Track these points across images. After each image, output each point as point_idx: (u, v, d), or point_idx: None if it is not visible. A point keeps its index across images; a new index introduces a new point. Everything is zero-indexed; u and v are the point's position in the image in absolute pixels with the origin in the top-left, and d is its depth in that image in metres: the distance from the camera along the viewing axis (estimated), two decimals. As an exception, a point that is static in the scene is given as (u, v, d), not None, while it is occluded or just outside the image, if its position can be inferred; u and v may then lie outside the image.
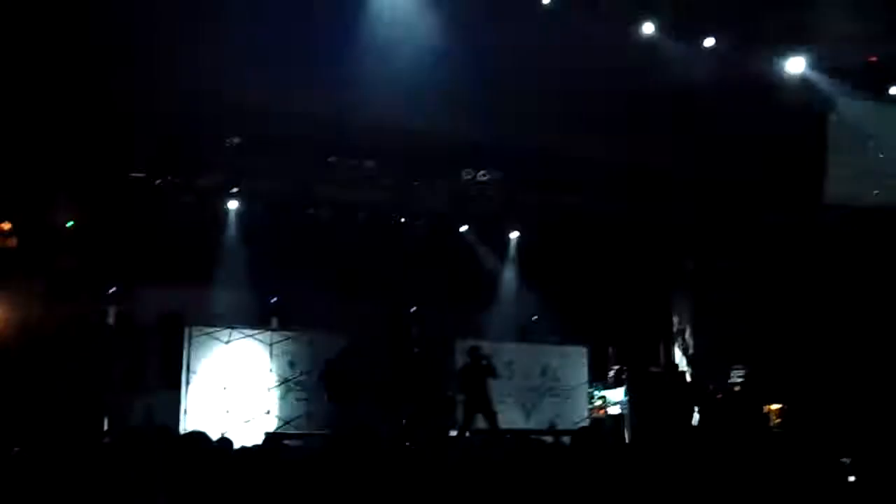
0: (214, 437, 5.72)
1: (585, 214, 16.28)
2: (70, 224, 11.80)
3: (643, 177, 15.31)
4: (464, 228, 16.65)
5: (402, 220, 15.89)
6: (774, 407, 14.40)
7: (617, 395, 15.61)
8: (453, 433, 13.14)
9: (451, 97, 12.62)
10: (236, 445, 6.14)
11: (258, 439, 11.41)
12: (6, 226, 10.08)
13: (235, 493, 4.47)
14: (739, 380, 15.15)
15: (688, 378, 16.01)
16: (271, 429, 13.36)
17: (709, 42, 12.76)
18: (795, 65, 13.36)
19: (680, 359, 17.23)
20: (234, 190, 14.74)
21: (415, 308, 15.74)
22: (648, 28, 12.48)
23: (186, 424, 12.65)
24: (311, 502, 4.23)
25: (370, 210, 15.73)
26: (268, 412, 13.85)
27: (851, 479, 5.45)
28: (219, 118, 12.73)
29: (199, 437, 5.62)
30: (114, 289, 13.68)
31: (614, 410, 15.57)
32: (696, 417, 14.43)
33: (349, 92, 12.07)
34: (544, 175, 15.19)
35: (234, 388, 13.75)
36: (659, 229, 16.47)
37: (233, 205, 14.89)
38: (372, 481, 4.13)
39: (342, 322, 14.93)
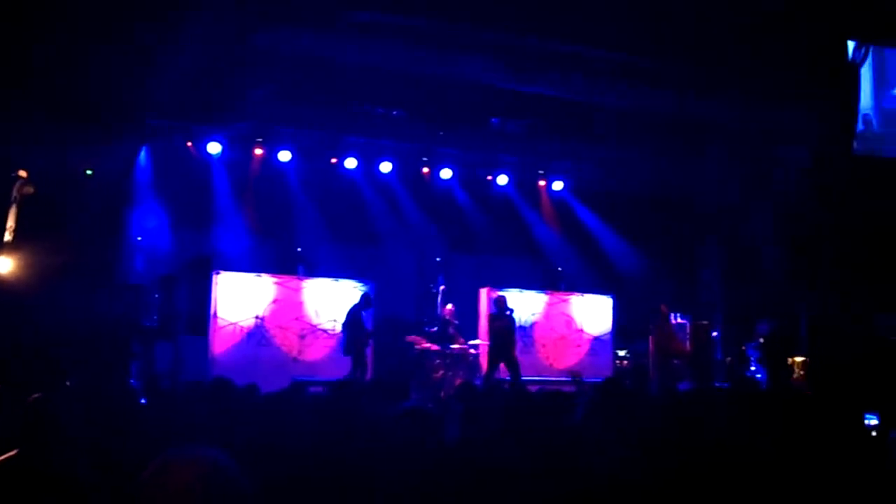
0: (241, 383, 5.78)
1: (615, 162, 16.15)
2: (89, 172, 11.73)
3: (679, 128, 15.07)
4: (500, 178, 16.56)
5: (426, 169, 15.80)
6: (799, 359, 14.32)
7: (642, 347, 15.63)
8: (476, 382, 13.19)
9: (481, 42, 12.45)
10: (263, 391, 6.22)
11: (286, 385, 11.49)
12: (23, 173, 10.04)
13: (261, 437, 4.52)
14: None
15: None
16: (299, 376, 13.49)
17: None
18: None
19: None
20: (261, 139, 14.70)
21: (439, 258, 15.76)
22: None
23: (213, 371, 12.78)
24: (330, 448, 4.28)
25: (398, 158, 15.68)
26: (295, 359, 14.00)
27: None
28: (247, 65, 12.61)
29: (224, 383, 5.70)
30: (140, 237, 13.78)
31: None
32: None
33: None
34: (576, 124, 14.97)
35: (262, 335, 13.92)
36: (692, 180, 16.26)
37: (258, 152, 14.85)
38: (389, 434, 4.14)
39: (368, 270, 15.01)
